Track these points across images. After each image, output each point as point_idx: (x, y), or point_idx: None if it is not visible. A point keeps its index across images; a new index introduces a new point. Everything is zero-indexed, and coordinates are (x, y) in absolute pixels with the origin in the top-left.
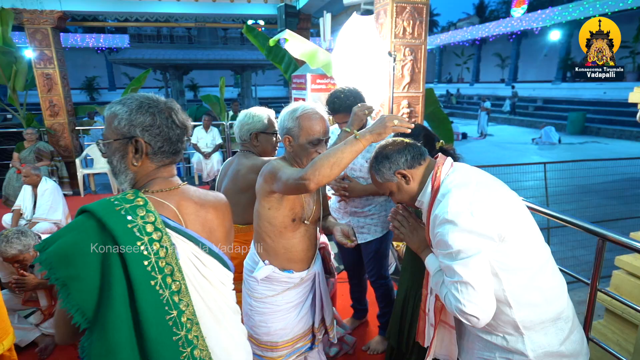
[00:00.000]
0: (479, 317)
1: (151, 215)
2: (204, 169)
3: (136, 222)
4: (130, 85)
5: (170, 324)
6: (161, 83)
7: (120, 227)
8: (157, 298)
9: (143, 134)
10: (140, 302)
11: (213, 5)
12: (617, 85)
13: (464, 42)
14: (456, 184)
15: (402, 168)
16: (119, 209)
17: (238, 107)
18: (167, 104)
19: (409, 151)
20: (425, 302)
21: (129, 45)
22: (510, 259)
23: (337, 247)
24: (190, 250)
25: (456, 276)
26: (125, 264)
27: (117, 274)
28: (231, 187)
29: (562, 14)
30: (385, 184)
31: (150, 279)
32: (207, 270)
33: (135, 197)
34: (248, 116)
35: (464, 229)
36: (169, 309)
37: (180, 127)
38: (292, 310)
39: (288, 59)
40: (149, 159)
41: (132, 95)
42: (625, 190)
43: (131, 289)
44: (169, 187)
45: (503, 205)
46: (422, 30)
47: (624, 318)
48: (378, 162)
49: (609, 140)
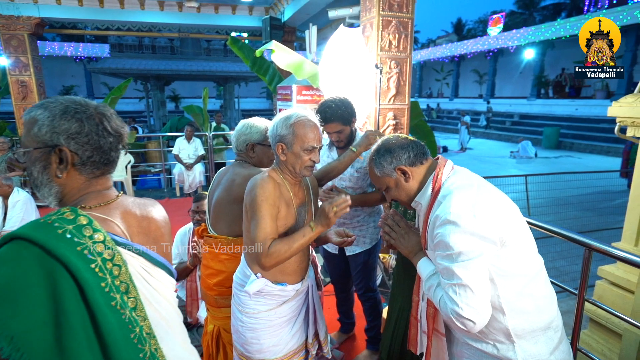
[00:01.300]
0: (475, 321)
1: (99, 234)
2: (186, 181)
3: (85, 244)
4: (110, 94)
5: (135, 341)
6: (142, 93)
7: (69, 252)
8: (120, 318)
9: (68, 142)
10: (105, 326)
11: (197, 16)
12: (587, 103)
13: (444, 58)
14: (458, 186)
15: (404, 164)
16: (62, 231)
17: (221, 119)
18: (99, 109)
19: (413, 148)
20: (416, 308)
21: (109, 55)
22: (508, 264)
23: (324, 259)
24: (139, 264)
25: (455, 278)
26: (82, 290)
27: (71, 302)
28: (224, 196)
29: (535, 34)
30: (383, 179)
31: (110, 301)
32: (156, 281)
33: (76, 215)
34: (246, 126)
35: (466, 231)
36: (132, 327)
37: (114, 135)
38: (285, 325)
39: (273, 71)
40: (77, 170)
41: (56, 99)
42: (599, 203)
43: (92, 314)
44: (106, 200)
45: (503, 210)
46: (408, 43)
47: (607, 328)
48: (380, 155)
49: (581, 154)
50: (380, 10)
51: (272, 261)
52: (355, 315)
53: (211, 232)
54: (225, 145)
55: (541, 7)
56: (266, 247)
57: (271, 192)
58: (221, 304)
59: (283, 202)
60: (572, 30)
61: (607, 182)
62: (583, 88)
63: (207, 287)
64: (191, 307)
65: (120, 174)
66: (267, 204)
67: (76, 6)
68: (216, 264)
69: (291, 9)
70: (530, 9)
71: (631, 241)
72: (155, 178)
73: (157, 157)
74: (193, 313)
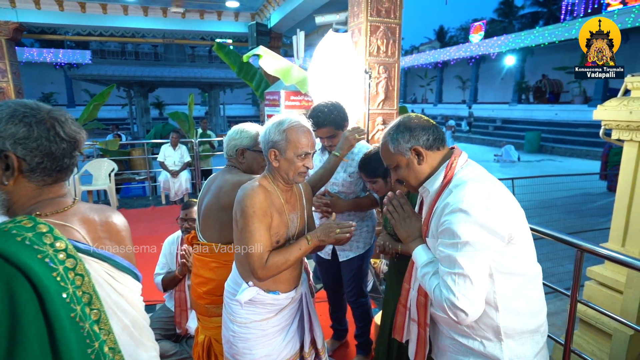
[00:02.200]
0: (469, 313)
1: (61, 242)
2: (172, 188)
3: (46, 252)
4: (93, 101)
5: (93, 357)
6: (125, 100)
7: (29, 259)
8: (78, 332)
9: (15, 147)
10: (62, 340)
11: (182, 21)
12: (566, 108)
13: (427, 64)
14: (473, 178)
15: (421, 146)
16: (20, 239)
17: (207, 125)
18: (51, 113)
19: (433, 132)
20: (406, 296)
21: (91, 61)
22: (510, 262)
23: (317, 264)
24: (104, 270)
25: (457, 267)
26: (42, 300)
27: (30, 314)
28: (213, 203)
29: (515, 41)
30: (395, 156)
31: (70, 312)
32: (122, 287)
33: (35, 223)
34: (236, 131)
35: (476, 222)
36: (90, 342)
37: (68, 141)
38: (277, 334)
39: (259, 77)
40: (26, 177)
41: (5, 102)
42: (581, 205)
43: (50, 327)
44: (62, 207)
45: (513, 209)
46: (396, 49)
47: (597, 328)
48: (398, 132)
49: (562, 157)
50: (368, 15)
51: (269, 274)
52: (348, 322)
53: (201, 239)
54: (212, 152)
55: (520, 16)
56: (263, 261)
57: (262, 202)
58: (212, 313)
59: (275, 210)
60: (550, 37)
61: (588, 184)
62: (562, 93)
63: (197, 295)
64: (180, 317)
65: (103, 182)
66: (258, 216)
67: (57, 11)
68: (206, 272)
69: (277, 15)
70: (510, 17)
71: (618, 242)
72: (140, 186)
73: (142, 164)
74: (182, 324)
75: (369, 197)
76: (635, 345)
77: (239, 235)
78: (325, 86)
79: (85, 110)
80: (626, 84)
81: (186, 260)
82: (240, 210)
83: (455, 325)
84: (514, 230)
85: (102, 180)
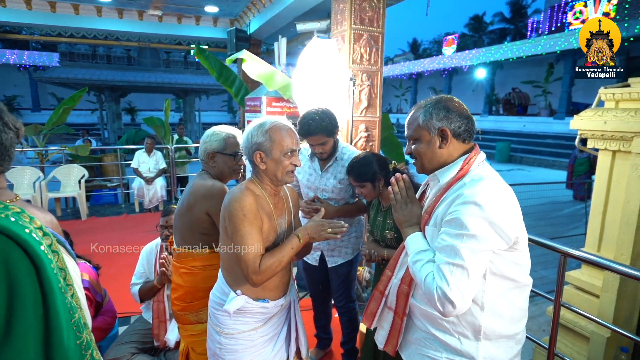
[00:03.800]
0: (457, 305)
1: (36, 221)
2: (146, 195)
3: (30, 227)
4: (63, 104)
5: (74, 328)
6: (95, 105)
7: (22, 231)
8: (64, 301)
9: None
10: (53, 309)
11: (158, 25)
12: (534, 120)
13: (402, 75)
14: (489, 176)
15: (451, 129)
16: (4, 215)
17: (184, 131)
18: None
19: (467, 123)
20: (386, 283)
21: (59, 64)
22: (506, 266)
23: (303, 271)
24: (64, 251)
25: (458, 258)
26: (38, 269)
27: (27, 284)
28: (180, 207)
29: (486, 55)
30: (420, 129)
31: (57, 283)
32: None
33: (5, 205)
34: (208, 134)
35: (487, 218)
36: (72, 312)
37: (14, 130)
38: (266, 344)
39: (239, 83)
40: None
41: None
42: (549, 212)
43: (45, 296)
44: (13, 197)
45: (520, 214)
46: (378, 57)
47: (575, 331)
48: (435, 107)
49: (530, 167)
50: (352, 23)
51: (264, 278)
52: (332, 331)
53: (175, 245)
54: (188, 159)
55: (489, 31)
56: (256, 265)
57: (251, 204)
58: (185, 320)
59: (264, 214)
60: (518, 52)
61: (555, 192)
62: (529, 106)
63: (172, 302)
64: (158, 329)
65: (72, 188)
66: (248, 219)
67: (24, 10)
68: (177, 277)
69: (257, 21)
70: (480, 32)
71: (594, 247)
72: (112, 193)
73: (114, 171)
74: (160, 336)
75: (358, 204)
76: (611, 347)
77: (226, 240)
78: (310, 92)
79: (54, 114)
80: (600, 96)
81: (166, 269)
82: (229, 215)
83: (434, 319)
84: (520, 236)
85: (71, 187)
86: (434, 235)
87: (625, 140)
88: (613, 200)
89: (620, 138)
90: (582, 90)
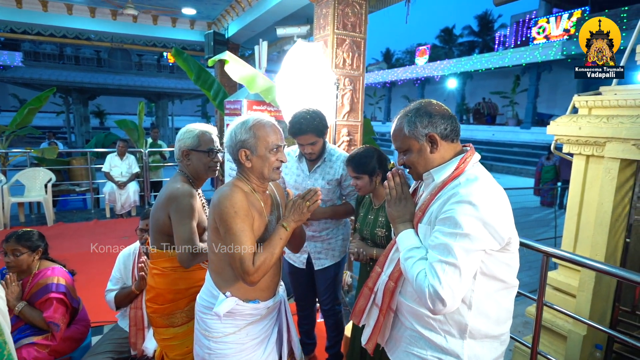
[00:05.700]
0: (447, 303)
1: None
2: (118, 200)
3: None
4: (28, 104)
5: None
6: (61, 107)
7: None
8: None
9: None
10: None
11: (133, 26)
12: (502, 129)
13: (376, 84)
14: (484, 177)
15: (438, 134)
16: None
17: (158, 135)
18: None
19: (452, 123)
20: (375, 280)
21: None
22: (497, 266)
23: (289, 274)
24: None
25: (450, 256)
26: None
27: None
28: (153, 207)
29: (456, 66)
30: (409, 140)
31: None
32: None
33: None
34: (182, 132)
35: (481, 218)
36: None
37: None
38: (257, 347)
39: (217, 86)
40: None
41: None
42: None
43: None
44: None
45: (512, 216)
46: (361, 62)
47: (553, 330)
48: (417, 115)
49: (499, 175)
50: (334, 28)
51: (260, 275)
52: (317, 337)
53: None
54: (163, 163)
55: (459, 43)
56: (250, 264)
57: (242, 201)
58: (158, 323)
59: (255, 211)
60: (486, 64)
61: (524, 198)
62: (498, 116)
63: (146, 303)
64: (136, 337)
65: (38, 193)
66: (240, 215)
67: None
68: (150, 279)
69: (236, 25)
70: (450, 44)
71: (570, 247)
72: (80, 198)
73: (83, 175)
74: (138, 344)
75: (345, 205)
76: (587, 345)
77: (216, 240)
78: (294, 95)
79: (18, 114)
80: (574, 103)
81: (145, 274)
82: (220, 213)
83: (421, 316)
84: (512, 237)
85: (36, 192)
86: (427, 233)
87: (598, 145)
88: (587, 203)
89: (594, 143)
90: (545, 102)
